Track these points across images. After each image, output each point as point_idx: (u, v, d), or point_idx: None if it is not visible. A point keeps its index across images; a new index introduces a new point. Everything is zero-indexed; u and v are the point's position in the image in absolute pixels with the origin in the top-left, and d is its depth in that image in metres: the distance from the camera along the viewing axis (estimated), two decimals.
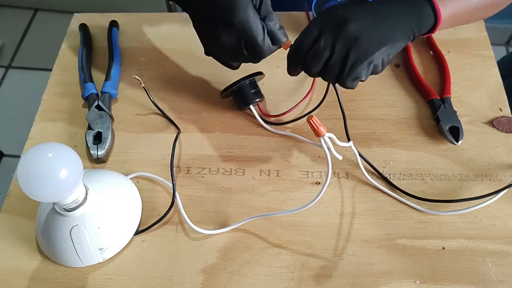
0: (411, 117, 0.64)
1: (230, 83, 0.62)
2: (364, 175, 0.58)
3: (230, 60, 0.59)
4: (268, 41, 0.55)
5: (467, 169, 0.59)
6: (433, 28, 0.56)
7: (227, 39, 0.55)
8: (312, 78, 0.66)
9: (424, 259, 0.53)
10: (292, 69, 0.56)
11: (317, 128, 0.47)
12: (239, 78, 0.61)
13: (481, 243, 0.54)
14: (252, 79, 0.62)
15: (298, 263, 0.53)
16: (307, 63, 0.53)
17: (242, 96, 0.62)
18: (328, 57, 0.52)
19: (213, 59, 0.59)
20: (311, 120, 0.47)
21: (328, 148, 0.50)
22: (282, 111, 0.64)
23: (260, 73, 0.63)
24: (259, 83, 0.65)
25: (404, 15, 0.53)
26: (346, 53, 0.51)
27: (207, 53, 0.59)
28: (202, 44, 0.59)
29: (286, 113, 0.64)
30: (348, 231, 0.55)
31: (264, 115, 0.64)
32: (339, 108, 0.60)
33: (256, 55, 0.56)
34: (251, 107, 0.63)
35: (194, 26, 0.58)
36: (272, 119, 0.64)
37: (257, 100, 0.63)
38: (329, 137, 0.49)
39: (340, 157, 0.54)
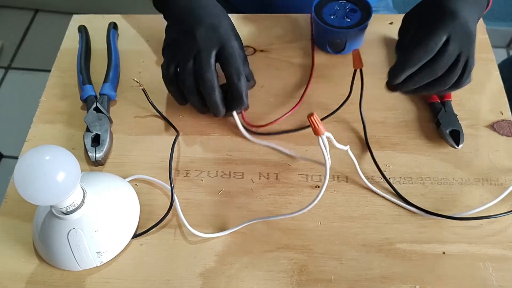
0: (412, 120, 0.64)
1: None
2: (362, 179, 0.57)
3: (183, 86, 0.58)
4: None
5: (468, 173, 0.59)
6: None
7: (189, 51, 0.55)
8: (303, 90, 0.66)
9: (424, 263, 0.52)
10: (399, 75, 0.53)
11: (317, 126, 0.47)
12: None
13: (481, 248, 0.53)
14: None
15: (297, 267, 0.53)
16: (433, 68, 0.53)
17: (225, 101, 0.59)
18: (454, 62, 0.53)
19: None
20: (311, 118, 0.47)
21: (325, 148, 0.49)
22: (279, 114, 0.64)
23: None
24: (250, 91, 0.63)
25: (476, 3, 0.57)
26: (467, 58, 0.53)
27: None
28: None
29: (270, 124, 0.62)
30: (347, 235, 0.55)
31: (247, 125, 0.62)
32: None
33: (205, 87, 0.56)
34: (234, 114, 0.60)
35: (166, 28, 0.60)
36: (255, 129, 0.62)
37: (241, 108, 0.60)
38: (327, 137, 0.49)
39: (346, 147, 0.54)
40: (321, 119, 0.62)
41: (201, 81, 0.55)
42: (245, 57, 0.59)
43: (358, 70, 0.62)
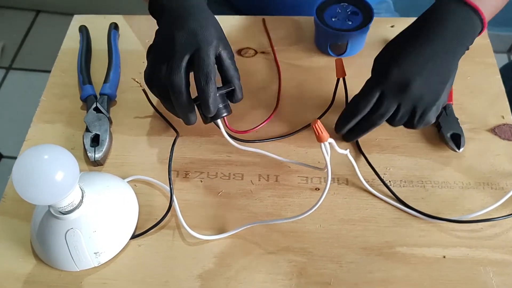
0: None
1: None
2: (362, 183, 0.57)
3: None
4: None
5: (469, 176, 0.59)
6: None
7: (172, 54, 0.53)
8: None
9: (424, 267, 0.52)
10: (343, 127, 0.59)
11: (321, 133, 0.47)
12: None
13: (482, 252, 0.53)
14: (221, 92, 0.58)
15: (296, 270, 0.52)
16: (370, 121, 0.56)
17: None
18: (393, 114, 0.55)
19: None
20: (316, 125, 0.46)
21: (327, 154, 0.49)
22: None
23: (230, 87, 0.57)
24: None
25: (459, 37, 0.53)
26: (413, 108, 0.54)
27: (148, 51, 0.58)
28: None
29: (254, 130, 0.61)
30: (347, 238, 0.54)
31: (231, 130, 0.61)
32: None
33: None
34: (218, 122, 0.58)
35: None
36: (239, 135, 0.61)
37: (224, 114, 0.58)
38: (329, 143, 0.49)
39: (346, 151, 0.53)
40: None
41: (169, 85, 0.53)
42: (235, 68, 0.56)
43: (341, 79, 0.62)
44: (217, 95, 0.55)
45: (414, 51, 0.53)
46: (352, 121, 0.57)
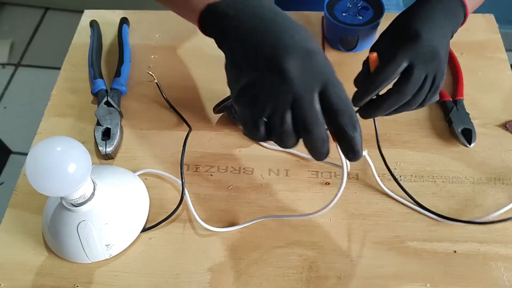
0: (423, 118, 0.63)
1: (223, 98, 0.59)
2: (376, 179, 0.57)
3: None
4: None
5: (480, 172, 0.58)
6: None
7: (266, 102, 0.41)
8: None
9: (435, 262, 0.52)
10: (364, 97, 0.49)
11: None
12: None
13: (493, 247, 0.53)
14: None
15: (306, 264, 0.52)
16: (399, 95, 0.48)
17: (236, 111, 0.60)
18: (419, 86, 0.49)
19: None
20: None
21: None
22: None
23: None
24: None
25: (447, 19, 0.52)
26: (432, 80, 0.49)
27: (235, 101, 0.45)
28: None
29: None
30: (357, 232, 0.54)
31: None
32: None
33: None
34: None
35: (227, 67, 0.45)
36: None
37: None
38: None
39: (365, 152, 0.51)
40: None
41: (308, 137, 0.41)
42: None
43: None
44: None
45: (433, 19, 0.50)
46: (377, 90, 0.49)
